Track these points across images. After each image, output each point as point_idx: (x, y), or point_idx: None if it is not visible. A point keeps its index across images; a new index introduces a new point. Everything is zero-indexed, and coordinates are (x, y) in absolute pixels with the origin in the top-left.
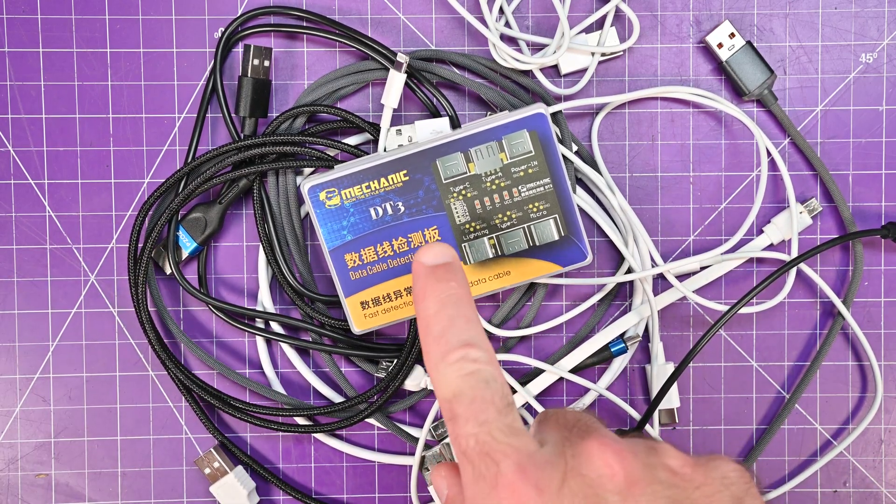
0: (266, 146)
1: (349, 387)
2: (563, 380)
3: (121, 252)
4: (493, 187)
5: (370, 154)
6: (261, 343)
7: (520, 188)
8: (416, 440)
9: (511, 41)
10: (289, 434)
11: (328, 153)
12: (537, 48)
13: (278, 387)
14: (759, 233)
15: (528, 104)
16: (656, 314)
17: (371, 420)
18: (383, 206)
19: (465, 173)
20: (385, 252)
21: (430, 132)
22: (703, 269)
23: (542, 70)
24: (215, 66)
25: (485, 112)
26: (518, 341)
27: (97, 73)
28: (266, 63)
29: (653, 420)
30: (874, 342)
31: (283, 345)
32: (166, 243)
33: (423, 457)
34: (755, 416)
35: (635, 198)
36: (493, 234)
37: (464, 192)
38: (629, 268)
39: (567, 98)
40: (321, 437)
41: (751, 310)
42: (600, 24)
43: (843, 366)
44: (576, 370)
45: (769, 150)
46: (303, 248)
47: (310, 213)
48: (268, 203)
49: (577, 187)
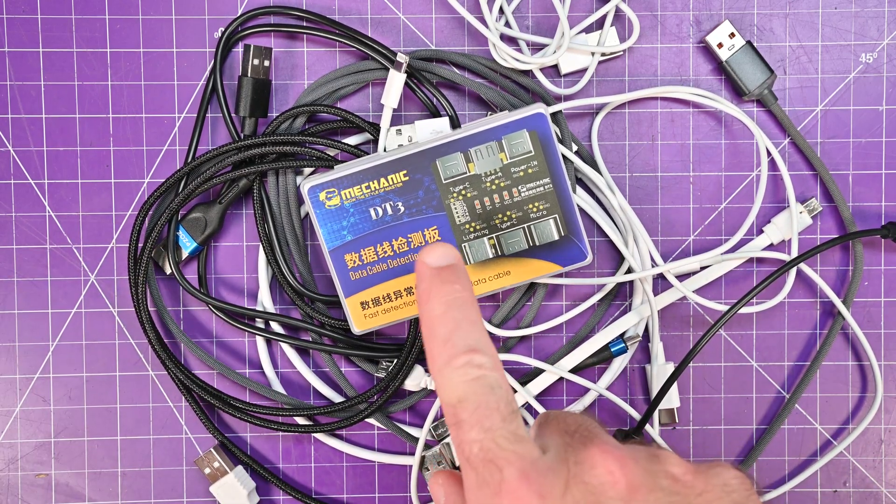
0: (266, 146)
1: (349, 387)
2: (563, 380)
3: (121, 252)
4: (493, 187)
5: (370, 154)
6: (261, 343)
7: (520, 188)
8: (416, 440)
9: (511, 41)
10: (289, 434)
11: (328, 153)
12: (537, 48)
13: (278, 387)
14: (759, 233)
15: (528, 104)
16: (656, 314)
17: (371, 420)
18: (383, 206)
19: (465, 173)
20: (385, 252)
21: (430, 132)
22: (703, 269)
23: (542, 70)
24: (215, 66)
25: (485, 112)
26: (518, 341)
27: (97, 73)
28: (266, 63)
29: (653, 420)
30: (874, 342)
31: (283, 345)
32: (166, 243)
33: (423, 457)
34: (755, 416)
35: (635, 198)
36: (493, 234)
37: (464, 192)
38: (629, 268)
39: (567, 98)
40: (321, 437)
41: (751, 310)
42: (600, 24)
43: (843, 366)
44: (576, 370)
45: (769, 150)
46: (303, 248)
47: (310, 213)
48: (268, 203)
49: (577, 187)
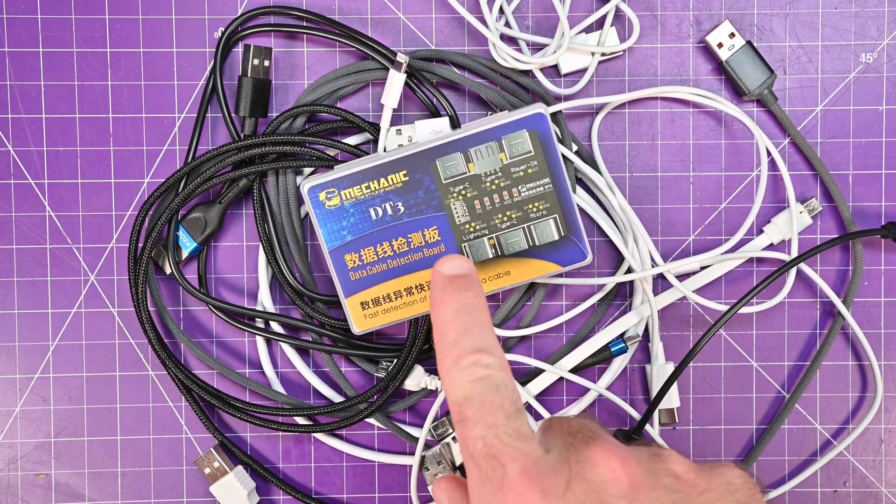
0: (266, 146)
1: (349, 387)
2: (563, 380)
3: (121, 252)
4: (493, 187)
5: (370, 154)
6: (261, 343)
7: (520, 188)
8: (416, 440)
9: (511, 41)
10: (289, 434)
11: (328, 153)
12: (537, 48)
13: (278, 387)
14: (759, 233)
15: (528, 104)
16: (656, 314)
17: (371, 420)
18: (383, 206)
19: (465, 173)
20: (385, 252)
21: (430, 132)
22: (703, 269)
23: (542, 70)
24: (215, 66)
25: (485, 112)
26: (518, 341)
27: (97, 73)
28: (266, 63)
29: (653, 420)
30: (874, 342)
31: (283, 345)
32: (166, 243)
33: (423, 457)
34: (755, 416)
35: (635, 198)
36: (493, 234)
37: (464, 193)
38: (629, 268)
39: (567, 98)
40: (321, 437)
41: (751, 310)
42: (600, 24)
43: (843, 366)
44: (576, 370)
45: (769, 150)
46: (303, 248)
47: (309, 213)
48: (268, 203)
49: (577, 187)
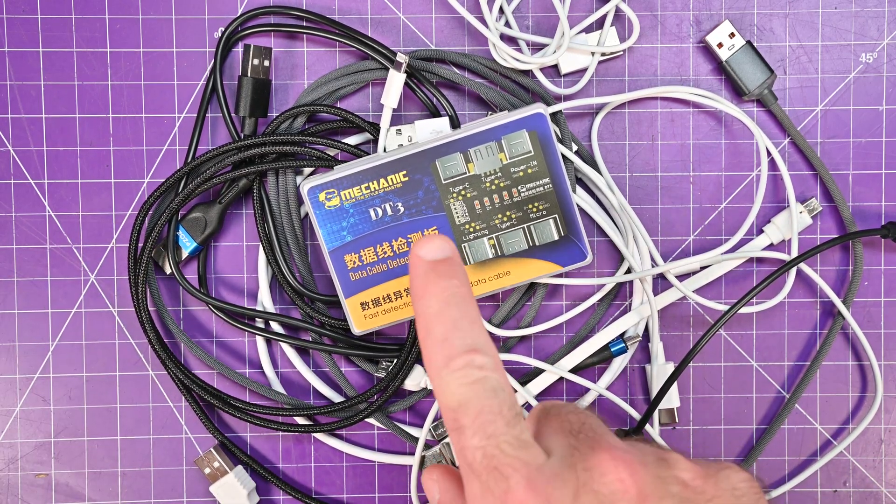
0: (266, 146)
1: (349, 387)
2: (563, 380)
3: (121, 252)
4: (493, 187)
5: (370, 154)
6: (261, 343)
7: (519, 188)
8: (416, 440)
9: (511, 41)
10: (289, 434)
11: (328, 153)
12: (537, 48)
13: (278, 387)
14: (759, 233)
15: (528, 104)
16: (656, 314)
17: (371, 420)
18: (383, 206)
19: (465, 173)
20: (385, 253)
21: (430, 132)
22: (703, 269)
23: (542, 70)
24: (215, 66)
25: (485, 112)
26: (518, 341)
27: (97, 73)
28: (266, 63)
29: (653, 420)
30: (874, 342)
31: (283, 345)
32: (166, 243)
33: (423, 457)
34: (755, 416)
35: (635, 198)
36: (493, 235)
37: (463, 193)
38: (629, 268)
39: (567, 98)
40: (321, 437)
41: (751, 310)
42: (600, 23)
43: (843, 366)
44: (576, 370)
45: (769, 150)
46: (303, 248)
47: (309, 214)
48: (268, 203)
49: (577, 187)
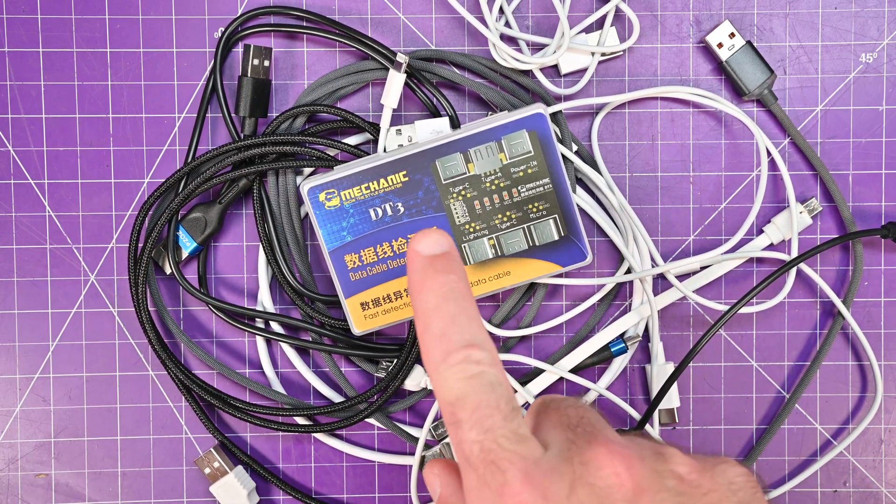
0: (266, 146)
1: (349, 387)
2: (563, 380)
3: (121, 252)
4: (493, 188)
5: (370, 154)
6: (261, 343)
7: (519, 188)
8: (416, 440)
9: (511, 41)
10: (289, 434)
11: (328, 153)
12: (537, 48)
13: (278, 387)
14: (759, 233)
15: (528, 104)
16: (656, 314)
17: (371, 420)
18: (383, 206)
19: (465, 174)
20: (385, 253)
21: (430, 132)
22: (703, 269)
23: (542, 70)
24: (215, 66)
25: (485, 112)
26: (518, 341)
27: (97, 73)
28: (266, 63)
29: (653, 420)
30: (874, 342)
31: (283, 345)
32: (166, 243)
33: (423, 457)
34: (755, 416)
35: (635, 198)
36: (493, 235)
37: (463, 193)
38: (629, 268)
39: (567, 98)
40: (321, 437)
41: (751, 310)
42: (600, 23)
43: (843, 366)
44: (576, 370)
45: (769, 150)
46: (303, 248)
47: (309, 214)
48: (268, 203)
49: (577, 187)
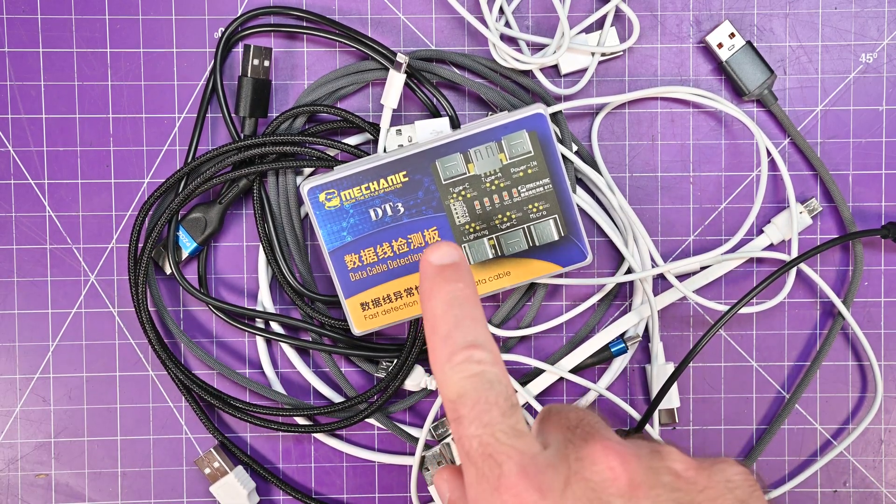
0: (266, 146)
1: (349, 387)
2: (563, 380)
3: (121, 252)
4: (493, 188)
5: (370, 155)
6: (261, 343)
7: (519, 188)
8: (416, 440)
9: (511, 41)
10: (289, 434)
11: (328, 153)
12: (537, 48)
13: (278, 387)
14: (759, 233)
15: (528, 104)
16: (656, 314)
17: (371, 420)
18: (383, 207)
19: (465, 174)
20: (385, 253)
21: (430, 132)
22: (703, 269)
23: (542, 70)
24: (215, 66)
25: (485, 112)
26: (518, 341)
27: (97, 73)
28: (266, 63)
29: (653, 420)
30: (874, 342)
31: (283, 345)
32: (166, 243)
33: (423, 457)
34: (755, 416)
35: (635, 198)
36: (493, 235)
37: (463, 193)
38: (629, 268)
39: (567, 98)
40: (321, 437)
41: (751, 310)
42: (600, 24)
43: (843, 366)
44: (576, 370)
45: (769, 150)
46: (303, 248)
47: (309, 214)
48: (268, 203)
49: (577, 187)
